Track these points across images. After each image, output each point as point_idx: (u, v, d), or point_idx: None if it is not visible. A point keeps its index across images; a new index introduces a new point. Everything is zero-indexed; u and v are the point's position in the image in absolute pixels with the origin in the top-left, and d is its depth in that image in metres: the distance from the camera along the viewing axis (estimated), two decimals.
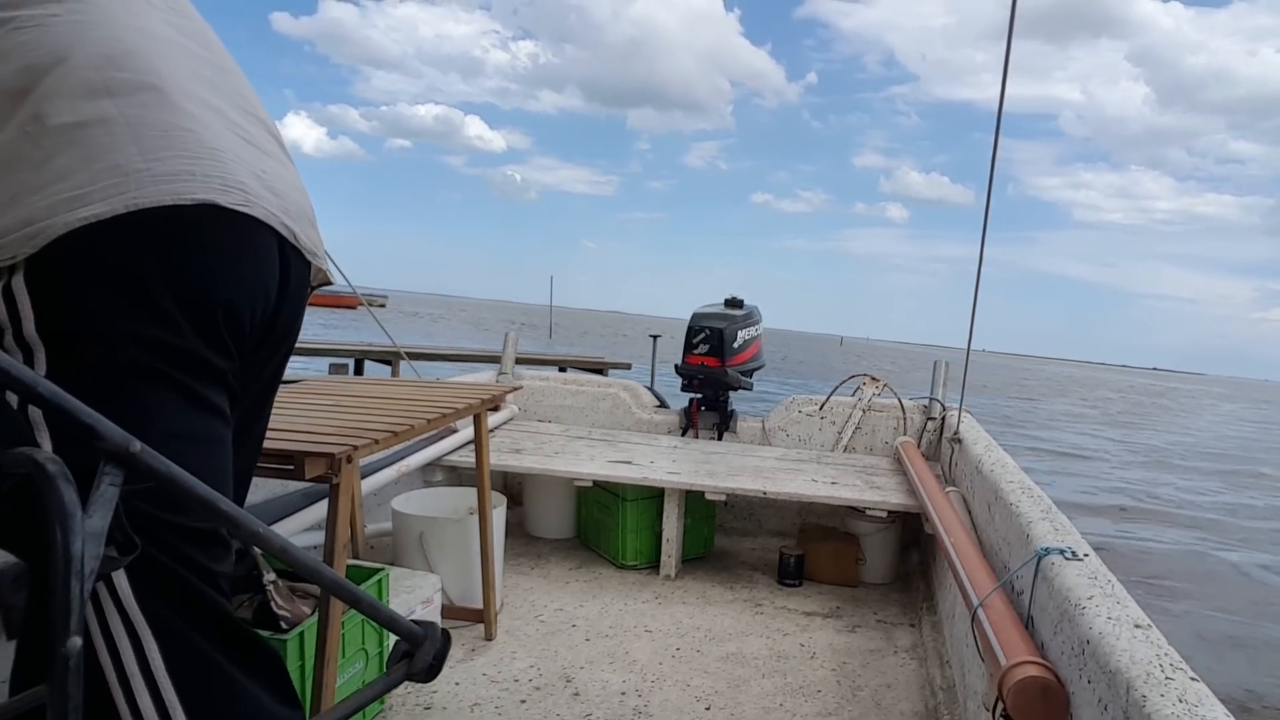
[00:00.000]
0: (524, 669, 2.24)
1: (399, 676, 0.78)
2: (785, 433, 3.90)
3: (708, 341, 3.78)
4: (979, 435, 3.02)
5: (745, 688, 2.22)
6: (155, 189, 0.79)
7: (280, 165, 0.97)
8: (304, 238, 0.96)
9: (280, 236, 0.91)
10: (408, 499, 2.61)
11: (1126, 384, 79.43)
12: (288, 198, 0.94)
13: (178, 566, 0.80)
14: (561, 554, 3.29)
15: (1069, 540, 1.60)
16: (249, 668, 0.85)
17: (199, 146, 0.84)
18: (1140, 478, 12.60)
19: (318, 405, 1.86)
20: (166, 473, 0.59)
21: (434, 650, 0.78)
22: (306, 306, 1.07)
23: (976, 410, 3.57)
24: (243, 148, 0.90)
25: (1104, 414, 28.74)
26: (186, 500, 0.61)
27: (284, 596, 1.72)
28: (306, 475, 1.38)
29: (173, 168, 0.80)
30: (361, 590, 0.76)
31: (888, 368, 43.88)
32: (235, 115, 0.93)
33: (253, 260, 0.88)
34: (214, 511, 0.62)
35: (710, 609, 2.79)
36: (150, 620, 0.77)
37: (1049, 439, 17.13)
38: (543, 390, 4.14)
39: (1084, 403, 35.17)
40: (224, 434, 0.87)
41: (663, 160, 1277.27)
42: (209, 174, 0.83)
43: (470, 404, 2.08)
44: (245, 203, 0.86)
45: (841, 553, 3.13)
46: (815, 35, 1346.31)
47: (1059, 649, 1.34)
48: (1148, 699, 0.98)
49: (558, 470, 3.08)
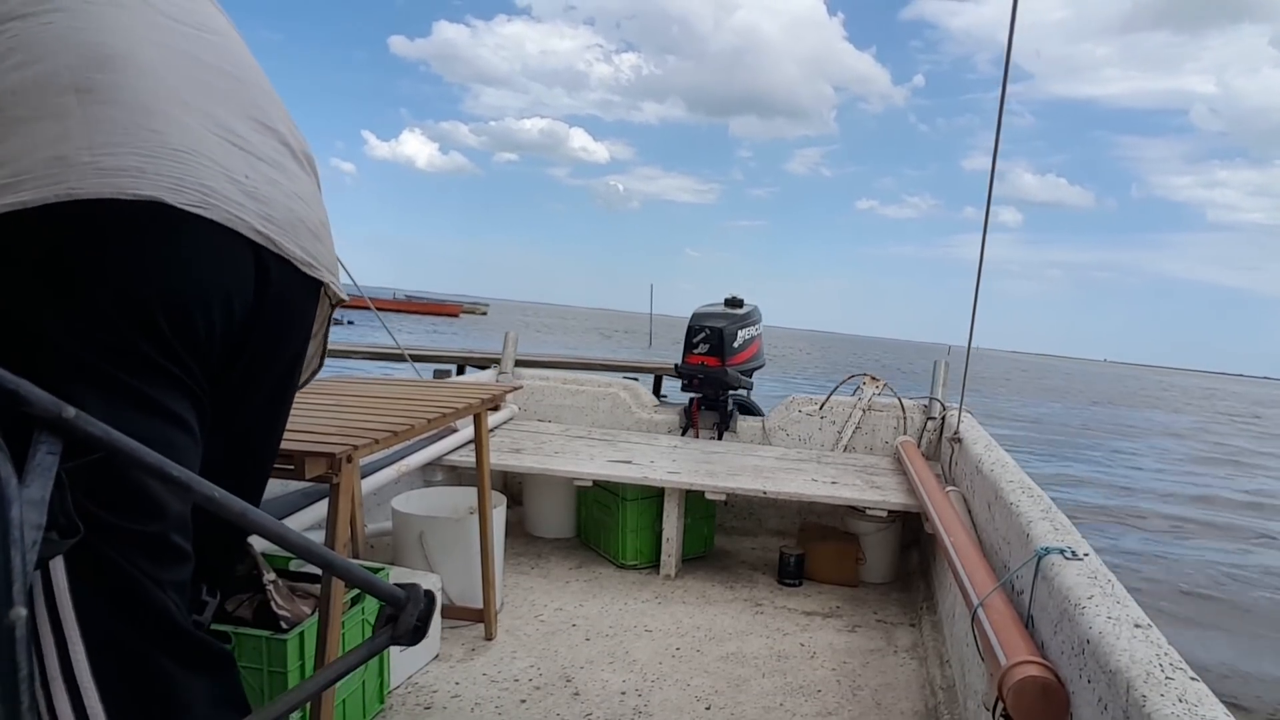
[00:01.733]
0: (524, 669, 2.24)
1: (384, 640, 0.76)
2: (785, 432, 3.90)
3: (708, 341, 3.79)
4: (979, 435, 3.02)
5: (745, 687, 2.22)
6: (97, 181, 0.77)
7: (280, 174, 0.95)
8: (291, 247, 0.93)
9: (256, 244, 0.89)
10: (408, 498, 2.61)
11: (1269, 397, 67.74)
12: (275, 204, 0.92)
13: (123, 568, 0.78)
14: (561, 554, 3.29)
15: (1069, 540, 1.60)
16: (193, 674, 0.83)
17: (160, 146, 0.82)
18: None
19: (318, 405, 1.86)
20: (107, 439, 0.57)
21: (417, 612, 0.76)
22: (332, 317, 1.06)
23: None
24: (228, 153, 0.89)
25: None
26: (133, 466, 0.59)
27: (284, 596, 1.72)
28: (307, 475, 1.38)
29: (122, 163, 0.79)
30: (335, 554, 0.74)
31: (1003, 378, 42.38)
32: (233, 122, 0.91)
33: (208, 263, 0.85)
34: (164, 476, 0.59)
35: (710, 608, 2.79)
36: (83, 622, 0.75)
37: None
38: (543, 390, 4.14)
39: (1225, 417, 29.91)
40: (175, 438, 0.84)
41: (765, 168, 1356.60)
42: (163, 173, 0.81)
43: (470, 403, 2.08)
44: (201, 203, 0.83)
45: (842, 552, 3.13)
46: (922, 36, 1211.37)
47: (1059, 648, 1.35)
48: (1148, 699, 0.98)
49: (558, 470, 3.08)
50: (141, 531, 0.80)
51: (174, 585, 0.83)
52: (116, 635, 0.77)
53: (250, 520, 0.65)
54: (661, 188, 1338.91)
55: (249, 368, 0.95)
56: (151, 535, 0.81)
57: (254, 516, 0.65)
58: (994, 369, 53.25)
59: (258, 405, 1.01)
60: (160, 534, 0.82)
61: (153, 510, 0.81)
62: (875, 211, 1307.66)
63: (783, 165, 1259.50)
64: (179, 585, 0.84)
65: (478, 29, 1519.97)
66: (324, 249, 1.01)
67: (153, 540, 0.81)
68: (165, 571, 0.82)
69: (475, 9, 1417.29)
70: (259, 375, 0.98)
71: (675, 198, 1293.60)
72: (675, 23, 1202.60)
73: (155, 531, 0.81)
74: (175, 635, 0.82)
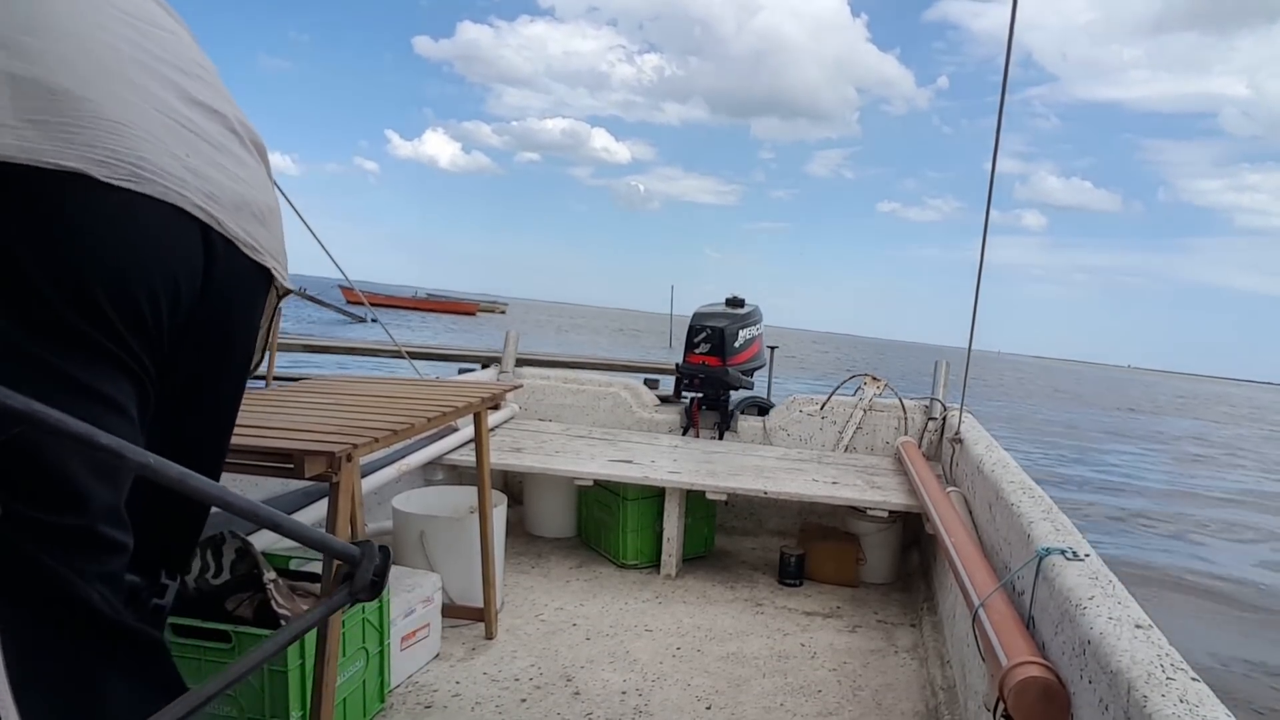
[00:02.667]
0: (524, 668, 2.24)
1: (342, 598, 0.76)
2: (786, 432, 3.90)
3: (709, 340, 3.78)
4: (980, 435, 3.01)
5: (746, 687, 2.22)
6: (15, 145, 0.73)
7: (225, 157, 0.92)
8: (235, 228, 0.90)
9: (203, 224, 0.86)
10: (408, 498, 2.61)
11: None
12: (218, 184, 0.89)
13: (42, 562, 0.76)
14: (562, 553, 3.29)
15: (1070, 540, 1.60)
16: (114, 664, 0.82)
17: (92, 117, 0.78)
18: None
19: (318, 404, 1.86)
20: (25, 410, 0.54)
21: (373, 567, 0.76)
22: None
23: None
24: (171, 130, 0.85)
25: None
26: (58, 434, 0.56)
27: (284, 595, 1.72)
28: (307, 474, 1.38)
29: (45, 131, 0.75)
30: (282, 515, 0.72)
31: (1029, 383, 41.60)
32: (177, 104, 0.88)
33: (149, 240, 0.82)
34: (93, 445, 0.57)
35: (711, 608, 2.79)
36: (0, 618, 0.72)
37: None
38: (543, 389, 4.14)
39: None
40: (116, 425, 0.80)
41: (786, 170, 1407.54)
42: (92, 143, 0.77)
43: (470, 402, 2.08)
44: (131, 177, 0.79)
45: (842, 552, 3.13)
46: (945, 38, 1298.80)
47: (1060, 649, 1.34)
48: (1149, 699, 0.98)
49: (558, 469, 3.08)
50: (63, 524, 0.78)
51: (101, 577, 0.82)
52: (31, 627, 0.76)
53: (189, 485, 0.63)
54: (683, 189, 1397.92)
55: (199, 354, 0.92)
56: (74, 528, 0.79)
57: (193, 482, 0.63)
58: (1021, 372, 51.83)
59: (210, 396, 0.98)
60: (85, 526, 0.80)
61: (75, 502, 0.79)
62: (897, 214, 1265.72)
63: (804, 167, 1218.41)
64: (107, 576, 0.83)
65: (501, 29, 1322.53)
66: (270, 235, 0.98)
67: (75, 533, 0.79)
68: (91, 564, 0.81)
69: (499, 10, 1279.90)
70: (207, 361, 0.95)
71: (696, 199, 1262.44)
72: (698, 24, 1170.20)
73: (78, 524, 0.79)
74: (97, 628, 0.81)
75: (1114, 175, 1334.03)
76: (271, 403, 1.82)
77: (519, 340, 4.48)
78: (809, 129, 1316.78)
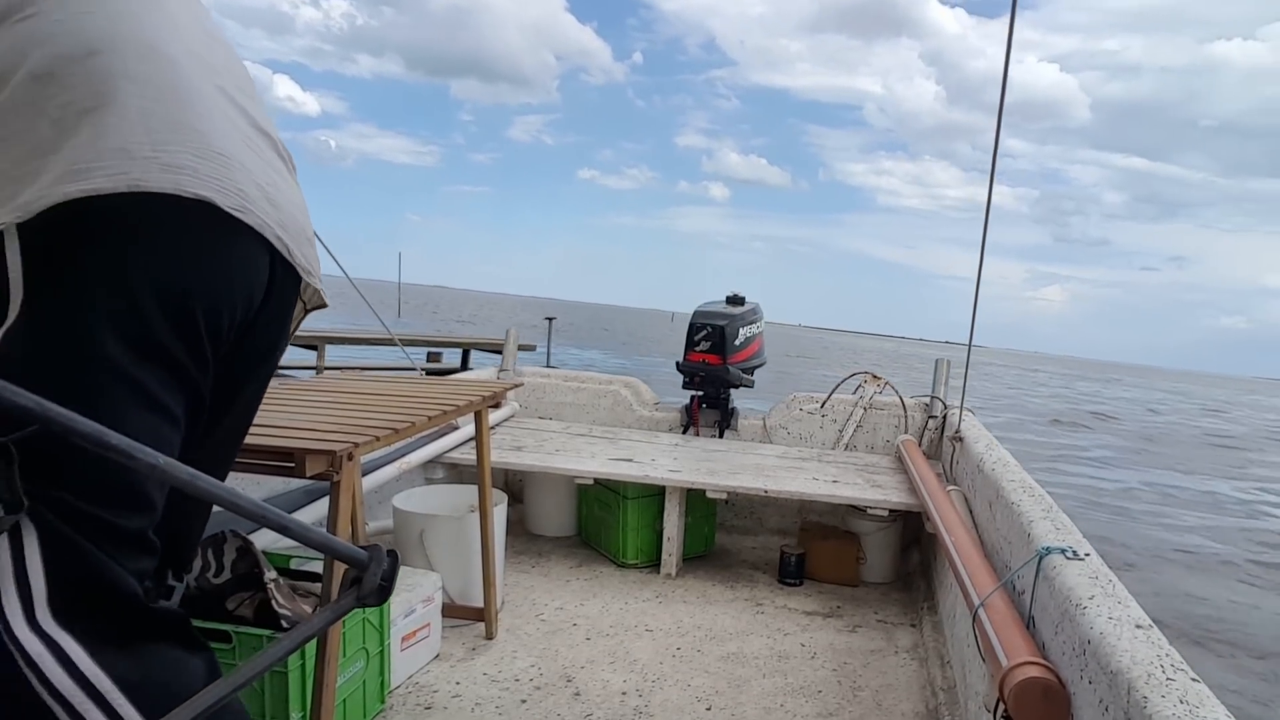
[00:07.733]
0: (525, 668, 2.24)
1: (350, 602, 0.76)
2: (786, 430, 3.90)
3: (709, 339, 3.78)
4: (980, 434, 3.01)
5: (746, 687, 2.22)
6: (159, 176, 0.80)
7: (284, 182, 0.99)
8: (298, 254, 0.97)
9: (272, 249, 0.92)
10: (409, 496, 2.61)
11: (927, 356, 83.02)
12: (286, 213, 0.95)
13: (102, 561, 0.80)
14: (562, 552, 3.29)
15: (1070, 540, 1.60)
16: (189, 651, 0.88)
17: (205, 148, 0.85)
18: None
19: (318, 402, 1.86)
20: (40, 411, 0.56)
21: (381, 571, 0.76)
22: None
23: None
24: (250, 158, 0.92)
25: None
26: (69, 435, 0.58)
27: (285, 595, 1.72)
28: (307, 473, 1.38)
29: (177, 160, 0.82)
30: (290, 517, 0.73)
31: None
32: (247, 128, 0.95)
33: (240, 265, 0.89)
34: (103, 445, 0.59)
35: (711, 608, 2.79)
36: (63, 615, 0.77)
37: None
38: (544, 387, 4.14)
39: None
40: (170, 437, 0.86)
41: (486, 133, 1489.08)
42: (211, 174, 0.84)
43: (471, 401, 2.07)
44: (240, 208, 0.86)
45: (842, 552, 3.13)
46: (638, 15, 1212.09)
47: (1060, 649, 1.34)
48: (1149, 700, 0.98)
49: (558, 468, 3.08)
50: (129, 527, 0.83)
51: (139, 574, 0.86)
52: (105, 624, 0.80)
53: (198, 487, 0.64)
54: (378, 147, 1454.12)
55: (244, 364, 0.97)
56: (137, 530, 0.84)
57: (202, 483, 0.65)
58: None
59: (243, 400, 1.03)
60: (142, 530, 0.85)
61: (143, 508, 0.84)
62: (597, 182, 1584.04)
63: (505, 131, 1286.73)
64: (145, 574, 0.87)
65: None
66: (315, 257, 1.05)
67: (137, 535, 0.84)
68: (138, 564, 0.85)
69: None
70: (250, 371, 1.00)
71: (393, 158, 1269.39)
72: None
73: (141, 527, 0.84)
74: (138, 610, 0.85)
75: (785, 154, 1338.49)
76: (272, 401, 1.82)
77: (514, 340, 4.48)
78: (510, 93, 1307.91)
